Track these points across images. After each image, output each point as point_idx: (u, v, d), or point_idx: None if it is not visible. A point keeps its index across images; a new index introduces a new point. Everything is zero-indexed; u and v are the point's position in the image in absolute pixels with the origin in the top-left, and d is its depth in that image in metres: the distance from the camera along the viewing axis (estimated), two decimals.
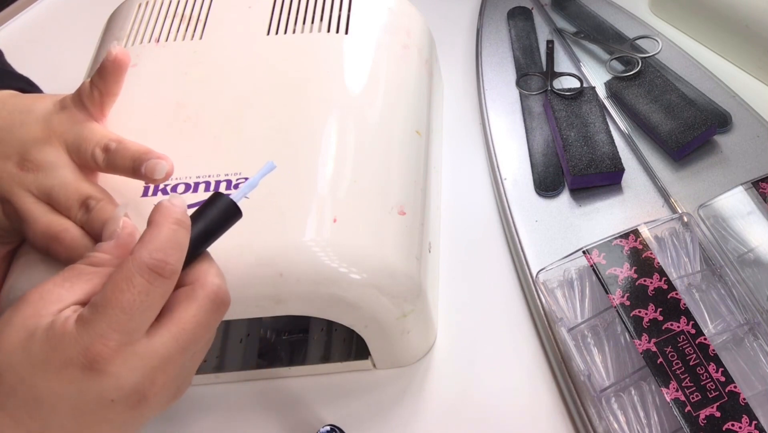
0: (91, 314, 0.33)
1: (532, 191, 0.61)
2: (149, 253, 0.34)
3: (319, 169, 0.47)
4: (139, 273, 0.33)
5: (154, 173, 0.44)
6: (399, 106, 0.54)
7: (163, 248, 0.34)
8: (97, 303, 0.33)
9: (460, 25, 0.78)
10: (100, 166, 0.45)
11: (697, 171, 0.60)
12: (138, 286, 0.33)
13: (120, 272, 0.33)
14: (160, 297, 0.34)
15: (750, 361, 0.48)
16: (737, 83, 0.66)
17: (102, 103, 0.47)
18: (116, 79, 0.47)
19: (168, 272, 0.34)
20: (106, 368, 0.32)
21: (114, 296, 0.33)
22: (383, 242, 0.47)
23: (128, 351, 0.33)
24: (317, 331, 0.55)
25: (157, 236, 0.34)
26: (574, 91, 0.65)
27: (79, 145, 0.45)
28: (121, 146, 0.44)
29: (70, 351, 0.32)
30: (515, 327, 0.55)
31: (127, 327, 0.33)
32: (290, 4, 0.57)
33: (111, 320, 0.32)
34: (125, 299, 0.33)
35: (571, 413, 0.50)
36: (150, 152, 0.44)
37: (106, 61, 0.46)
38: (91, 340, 0.32)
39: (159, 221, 0.35)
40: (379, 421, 0.51)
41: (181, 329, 0.34)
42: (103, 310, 0.33)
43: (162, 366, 0.34)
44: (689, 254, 0.53)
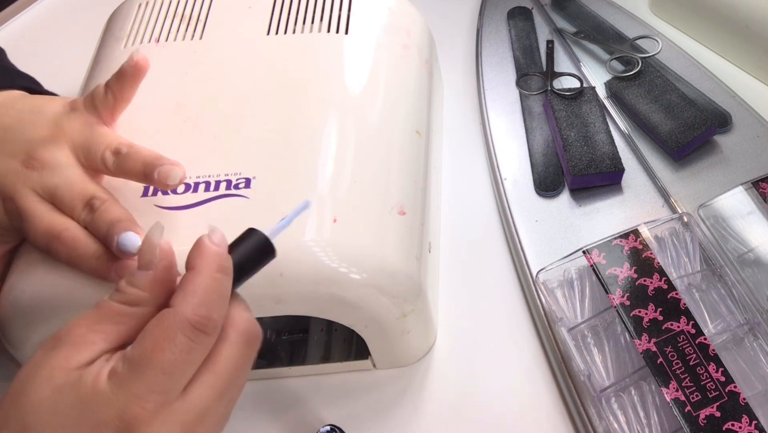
0: (126, 372, 0.31)
1: (532, 191, 0.61)
2: (192, 308, 0.32)
3: (319, 169, 0.47)
4: (181, 331, 0.31)
5: (167, 179, 0.43)
6: (399, 106, 0.54)
7: (206, 302, 0.32)
8: (135, 361, 0.31)
9: (460, 25, 0.78)
10: (109, 169, 0.45)
11: (697, 171, 0.60)
12: (180, 345, 0.31)
13: (160, 328, 0.31)
14: (201, 355, 0.32)
15: (750, 361, 0.48)
16: (737, 83, 0.66)
17: (114, 108, 0.47)
18: (133, 85, 0.47)
19: (211, 328, 0.32)
20: (145, 429, 0.30)
21: (154, 356, 0.31)
22: (383, 242, 0.47)
23: (166, 411, 0.31)
24: (317, 331, 0.55)
25: (199, 287, 0.32)
26: (574, 91, 0.65)
27: (89, 147, 0.45)
28: (133, 150, 0.44)
29: (104, 413, 0.30)
30: (515, 327, 0.55)
31: (167, 387, 0.31)
32: (290, 4, 0.57)
33: (150, 380, 0.31)
34: (166, 359, 0.31)
35: (571, 413, 0.50)
36: (162, 158, 0.44)
37: (127, 66, 0.46)
38: (128, 402, 0.30)
39: (201, 267, 0.33)
40: (379, 421, 0.51)
41: (217, 376, 0.33)
42: (142, 369, 0.31)
43: (201, 419, 0.32)
44: (689, 254, 0.53)
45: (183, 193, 0.46)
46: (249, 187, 0.46)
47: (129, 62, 0.46)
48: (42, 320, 0.45)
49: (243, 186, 0.46)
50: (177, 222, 0.45)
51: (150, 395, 0.31)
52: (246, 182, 0.46)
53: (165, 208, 0.46)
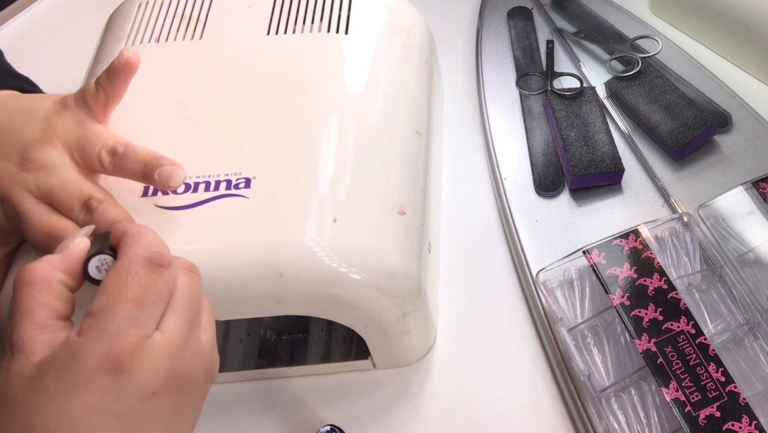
0: (97, 319, 0.32)
1: (532, 191, 0.61)
2: (143, 247, 0.34)
3: (319, 169, 0.47)
4: (141, 265, 0.33)
5: (170, 180, 0.43)
6: (399, 106, 0.54)
7: (153, 242, 0.34)
8: (102, 306, 0.32)
9: (460, 25, 0.78)
10: (106, 169, 0.45)
11: (697, 171, 0.60)
12: (143, 277, 0.33)
13: (119, 271, 0.33)
14: (165, 288, 0.34)
15: (750, 361, 0.48)
16: (737, 83, 0.66)
17: (106, 105, 0.46)
18: (124, 82, 0.47)
19: (166, 261, 0.34)
20: (135, 362, 0.31)
21: (121, 293, 0.32)
22: (383, 242, 0.47)
23: (149, 344, 0.32)
24: (317, 331, 0.55)
25: (141, 237, 0.35)
26: (574, 91, 0.65)
27: (84, 146, 0.44)
28: (130, 150, 0.44)
29: (89, 361, 0.31)
30: (515, 327, 0.55)
31: (142, 320, 0.32)
32: (290, 4, 0.57)
33: (124, 315, 0.32)
34: (134, 291, 0.32)
35: (571, 413, 0.50)
36: (162, 158, 0.44)
37: (117, 62, 0.46)
38: (110, 340, 0.31)
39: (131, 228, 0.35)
40: (379, 421, 0.51)
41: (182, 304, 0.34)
42: (113, 308, 0.32)
43: (184, 345, 0.33)
44: (689, 254, 0.53)
45: (183, 193, 0.46)
46: (249, 187, 0.46)
47: (119, 59, 0.46)
48: None
49: (243, 186, 0.46)
50: (177, 222, 0.45)
51: (129, 329, 0.32)
52: (246, 182, 0.46)
53: (165, 208, 0.46)
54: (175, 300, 0.34)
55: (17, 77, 0.58)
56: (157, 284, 0.33)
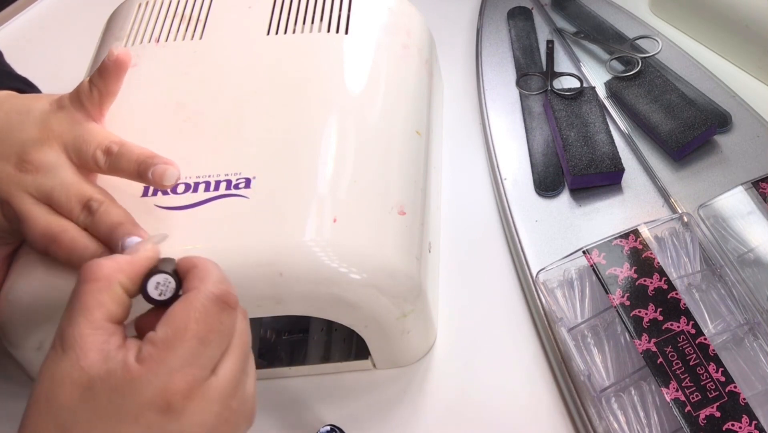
0: (159, 351, 0.31)
1: (532, 191, 0.61)
2: (214, 284, 0.33)
3: (319, 169, 0.47)
4: (211, 303, 0.32)
5: (163, 179, 0.43)
6: (399, 106, 0.54)
7: (223, 280, 0.34)
8: (166, 338, 0.31)
9: (460, 25, 0.78)
10: (101, 168, 0.45)
11: (697, 171, 0.60)
12: (212, 316, 0.32)
13: (189, 305, 0.32)
14: (231, 328, 0.33)
15: (750, 361, 0.48)
16: (737, 83, 0.66)
17: (101, 103, 0.46)
18: (116, 79, 0.46)
19: (233, 301, 0.33)
20: (186, 405, 0.31)
21: (188, 329, 0.31)
22: (383, 242, 0.47)
23: (204, 387, 0.31)
24: (317, 331, 0.55)
25: (211, 271, 0.34)
26: (574, 91, 0.65)
27: (79, 146, 0.44)
28: (125, 149, 0.44)
29: (144, 395, 0.30)
30: (515, 327, 0.55)
31: (203, 360, 0.32)
32: (290, 4, 0.57)
33: (186, 353, 0.31)
34: (201, 329, 0.31)
35: (571, 413, 0.50)
36: (156, 156, 0.44)
37: (108, 60, 0.46)
38: (167, 378, 0.30)
39: (201, 262, 0.35)
40: (379, 421, 0.51)
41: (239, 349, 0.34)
42: (176, 344, 0.31)
43: (234, 392, 0.33)
44: (689, 254, 0.53)
45: (183, 193, 0.46)
46: (249, 187, 0.46)
47: (110, 57, 0.45)
48: (42, 320, 0.45)
49: (243, 186, 0.46)
50: (177, 222, 0.45)
51: (188, 369, 0.31)
52: (246, 182, 0.46)
53: (165, 208, 0.46)
54: (234, 345, 0.34)
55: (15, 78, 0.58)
56: (223, 325, 0.33)
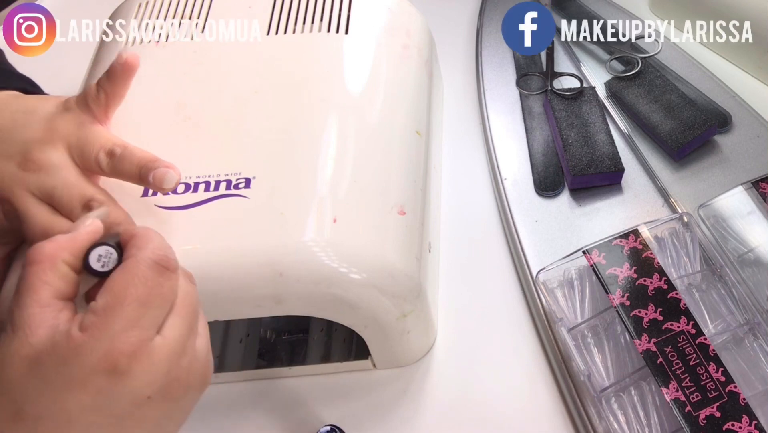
0: (100, 317, 0.32)
1: (532, 191, 0.61)
2: (152, 250, 0.34)
3: (319, 169, 0.47)
4: (148, 268, 0.33)
5: (163, 183, 0.43)
6: (399, 106, 0.54)
7: (161, 246, 0.34)
8: (106, 304, 0.32)
9: (460, 25, 0.78)
10: (104, 171, 0.45)
11: (697, 171, 0.60)
12: (149, 280, 0.33)
13: (127, 271, 0.33)
14: (170, 293, 0.34)
15: (750, 361, 0.48)
16: (737, 83, 0.66)
17: (107, 106, 0.46)
18: (124, 83, 0.47)
19: (173, 265, 0.34)
20: (133, 365, 0.31)
21: (126, 293, 0.32)
22: (383, 242, 0.47)
23: (149, 348, 0.32)
24: (317, 331, 0.55)
25: (150, 238, 0.34)
26: (574, 91, 0.65)
27: (83, 148, 0.44)
28: (127, 152, 0.44)
29: (89, 361, 0.31)
30: (515, 327, 0.55)
31: (144, 322, 0.32)
32: (290, 4, 0.57)
33: (127, 316, 0.32)
34: (139, 292, 0.32)
35: (571, 413, 0.50)
36: (157, 160, 0.44)
37: (116, 64, 0.46)
38: (110, 341, 0.31)
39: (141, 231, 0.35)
40: (379, 421, 0.51)
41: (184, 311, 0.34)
42: (116, 308, 0.32)
43: (182, 351, 0.33)
44: (689, 254, 0.53)
45: (183, 193, 0.46)
46: (249, 187, 0.46)
47: (118, 60, 0.46)
48: None
49: (243, 186, 0.46)
50: (177, 222, 0.45)
51: (130, 330, 0.32)
52: (246, 182, 0.46)
53: (165, 208, 0.46)
54: (177, 305, 0.34)
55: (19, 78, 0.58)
56: (163, 287, 0.33)
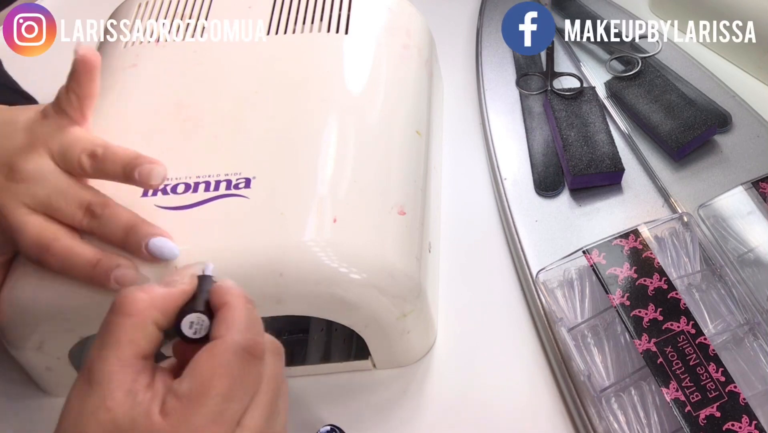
0: (183, 405, 0.30)
1: (532, 191, 0.61)
2: (241, 334, 0.32)
3: (319, 169, 0.47)
4: (236, 356, 0.31)
5: (150, 179, 0.42)
6: (399, 106, 0.54)
7: (250, 328, 0.33)
8: (191, 392, 0.31)
9: (460, 25, 0.78)
10: (87, 173, 0.44)
11: (697, 171, 0.60)
12: (237, 370, 0.31)
13: (214, 357, 0.31)
14: (256, 381, 0.33)
15: (750, 361, 0.48)
16: (737, 83, 0.66)
17: (81, 107, 0.45)
18: (89, 79, 0.45)
19: (260, 351, 0.33)
20: None
21: (212, 384, 0.31)
22: (383, 242, 0.47)
23: None
24: (317, 331, 0.55)
25: (240, 316, 0.33)
26: (574, 91, 0.65)
27: (65, 152, 0.44)
28: (109, 152, 0.43)
29: None
30: (515, 327, 0.55)
31: (227, 416, 0.31)
32: (290, 4, 0.57)
33: (210, 410, 0.30)
34: (225, 385, 0.31)
35: (571, 413, 0.50)
36: (141, 157, 0.43)
37: (75, 62, 0.44)
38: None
39: (234, 301, 0.34)
40: (379, 421, 0.51)
41: (266, 398, 0.33)
42: (200, 400, 0.30)
43: None
44: (689, 254, 0.53)
45: (183, 193, 0.46)
46: (249, 187, 0.46)
47: (76, 57, 0.44)
48: (42, 320, 0.45)
49: (243, 186, 0.46)
50: (177, 222, 0.45)
51: (211, 426, 0.30)
52: (246, 182, 0.46)
53: (165, 208, 0.46)
54: (261, 392, 0.33)
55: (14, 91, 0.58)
56: (250, 376, 0.32)
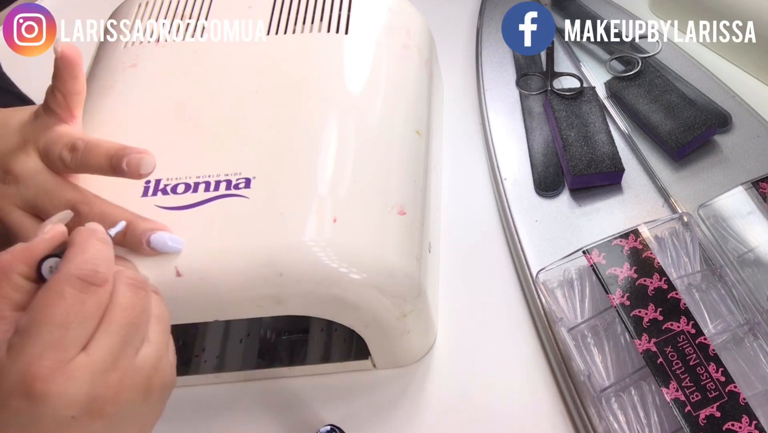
0: (21, 339, 0.31)
1: (532, 191, 0.61)
2: (76, 265, 0.33)
3: (319, 169, 0.47)
4: (69, 285, 0.32)
5: (140, 168, 0.42)
6: (399, 106, 0.54)
7: (90, 260, 0.34)
8: (27, 325, 0.32)
9: (460, 25, 0.78)
10: (69, 167, 0.43)
11: (697, 171, 0.60)
12: (69, 298, 0.32)
13: (48, 288, 0.32)
14: (95, 308, 0.33)
15: (750, 361, 0.48)
16: (737, 83, 0.66)
17: (68, 105, 0.45)
18: (73, 76, 0.44)
19: (100, 279, 0.33)
20: (49, 388, 0.31)
21: (44, 313, 0.32)
22: (383, 242, 0.47)
23: (70, 366, 0.32)
24: (317, 331, 0.55)
25: (82, 252, 0.34)
26: (574, 91, 0.65)
27: (48, 149, 0.44)
28: (91, 144, 0.43)
29: (6, 383, 0.31)
30: (515, 327, 0.55)
31: (63, 342, 0.32)
32: (290, 4, 0.57)
33: (44, 338, 0.31)
34: (57, 312, 0.32)
35: (571, 413, 0.50)
36: (127, 147, 0.43)
37: (56, 60, 0.44)
38: (26, 364, 0.31)
39: (80, 240, 0.34)
40: (379, 421, 0.51)
41: (116, 323, 0.33)
42: (34, 329, 0.31)
43: (111, 367, 0.33)
44: (689, 254, 0.53)
45: (183, 193, 0.46)
46: (249, 187, 0.46)
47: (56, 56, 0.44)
48: None
49: (243, 186, 0.46)
50: (177, 222, 0.45)
51: (46, 352, 0.31)
52: (246, 182, 0.46)
53: (165, 208, 0.46)
54: (109, 320, 0.33)
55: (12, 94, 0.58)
56: (86, 304, 0.32)
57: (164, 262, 0.43)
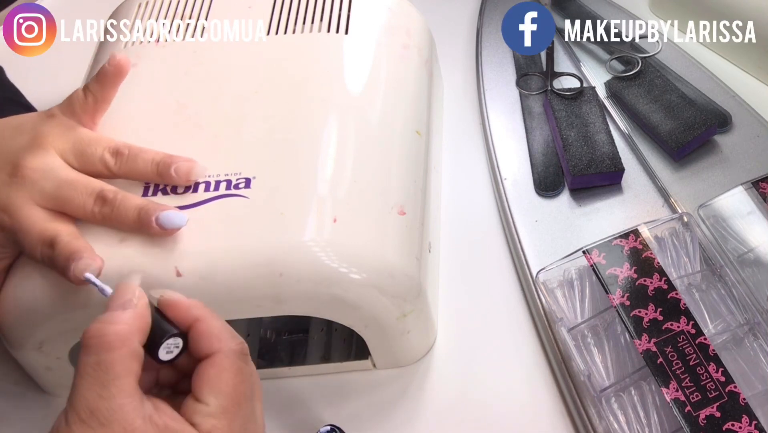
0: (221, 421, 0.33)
1: (532, 191, 0.61)
2: (232, 341, 0.35)
3: (319, 169, 0.47)
4: (241, 360, 0.35)
5: (190, 175, 0.45)
6: (399, 106, 0.54)
7: (232, 332, 0.36)
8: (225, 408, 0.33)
9: (460, 25, 0.78)
10: (110, 170, 0.45)
11: (697, 171, 0.60)
12: (246, 371, 0.35)
13: (225, 369, 0.34)
14: (256, 375, 0.37)
15: (750, 361, 0.48)
16: (737, 83, 0.66)
17: (95, 111, 0.46)
18: (113, 86, 0.46)
19: (247, 350, 0.36)
20: None
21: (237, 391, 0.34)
22: (383, 242, 0.47)
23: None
24: (317, 331, 0.55)
25: (220, 325, 0.36)
26: (574, 91, 0.65)
27: (82, 150, 0.44)
28: (136, 150, 0.45)
29: None
30: (515, 327, 0.55)
31: (257, 413, 0.35)
32: (290, 4, 0.57)
33: (244, 415, 0.34)
34: (247, 388, 0.35)
35: (571, 413, 0.50)
36: (173, 156, 0.45)
37: (108, 66, 0.45)
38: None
39: (202, 314, 0.36)
40: (379, 421, 0.51)
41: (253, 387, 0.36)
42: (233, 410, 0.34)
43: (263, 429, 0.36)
44: (689, 254, 0.53)
45: (183, 193, 0.46)
46: (249, 187, 0.46)
47: (111, 62, 0.46)
48: (42, 320, 0.45)
49: (243, 186, 0.46)
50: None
51: (249, 426, 0.35)
52: (246, 182, 0.46)
53: None
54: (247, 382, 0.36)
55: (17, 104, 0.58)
56: (252, 376, 0.35)
57: (164, 262, 0.43)
